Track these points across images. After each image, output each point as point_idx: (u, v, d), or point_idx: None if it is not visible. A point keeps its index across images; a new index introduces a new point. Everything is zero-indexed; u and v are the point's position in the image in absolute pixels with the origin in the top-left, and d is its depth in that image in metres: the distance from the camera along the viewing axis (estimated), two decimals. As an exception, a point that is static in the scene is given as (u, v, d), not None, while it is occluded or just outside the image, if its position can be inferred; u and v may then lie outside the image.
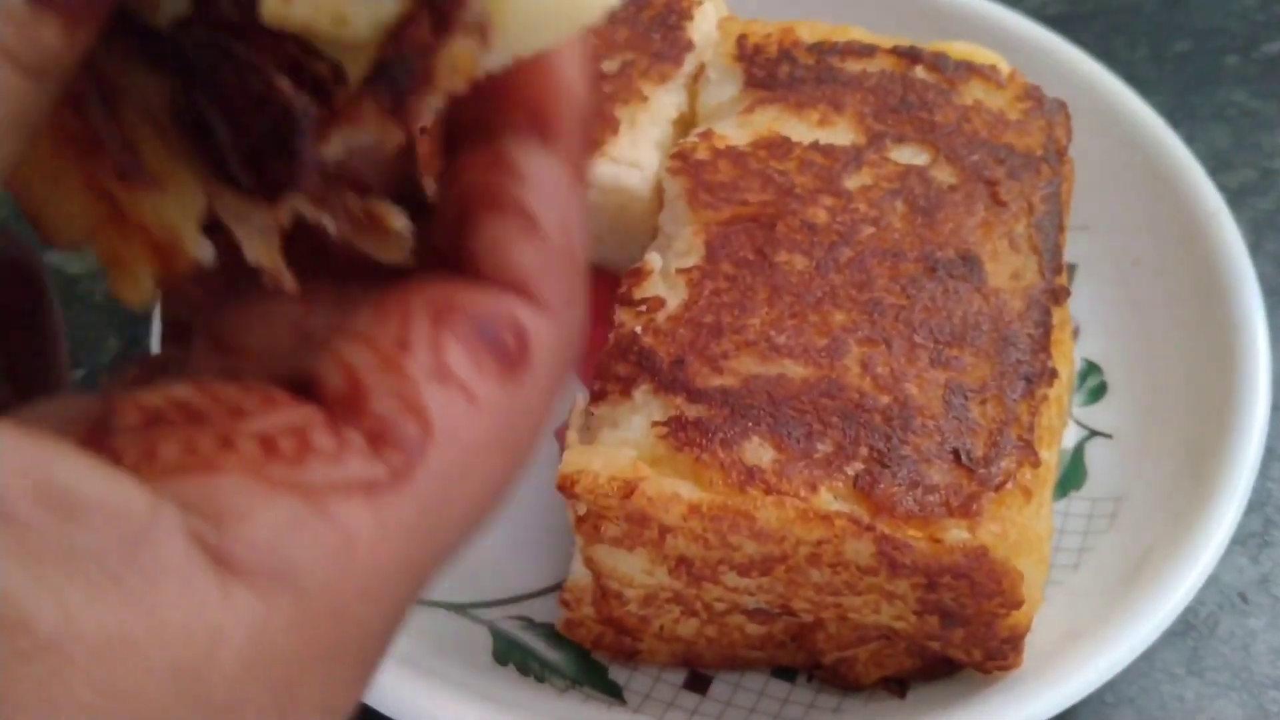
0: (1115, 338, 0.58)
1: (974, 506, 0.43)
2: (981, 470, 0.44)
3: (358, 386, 0.25)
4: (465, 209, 0.27)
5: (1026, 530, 0.44)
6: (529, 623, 0.51)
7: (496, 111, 0.28)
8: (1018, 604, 0.43)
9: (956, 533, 0.43)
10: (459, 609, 0.51)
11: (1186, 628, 0.51)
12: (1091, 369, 0.58)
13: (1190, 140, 0.69)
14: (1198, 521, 0.49)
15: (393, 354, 0.26)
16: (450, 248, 0.28)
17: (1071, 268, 0.61)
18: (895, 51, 0.57)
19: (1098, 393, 0.57)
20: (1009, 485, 0.44)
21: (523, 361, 0.27)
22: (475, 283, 0.28)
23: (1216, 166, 0.68)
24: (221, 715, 0.22)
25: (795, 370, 0.47)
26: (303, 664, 0.23)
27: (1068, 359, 0.51)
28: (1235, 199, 0.67)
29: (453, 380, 0.26)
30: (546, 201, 0.28)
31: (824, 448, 0.45)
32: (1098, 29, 0.76)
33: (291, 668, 0.23)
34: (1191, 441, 0.52)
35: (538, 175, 0.28)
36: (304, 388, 0.26)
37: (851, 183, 0.53)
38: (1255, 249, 0.65)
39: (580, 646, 0.49)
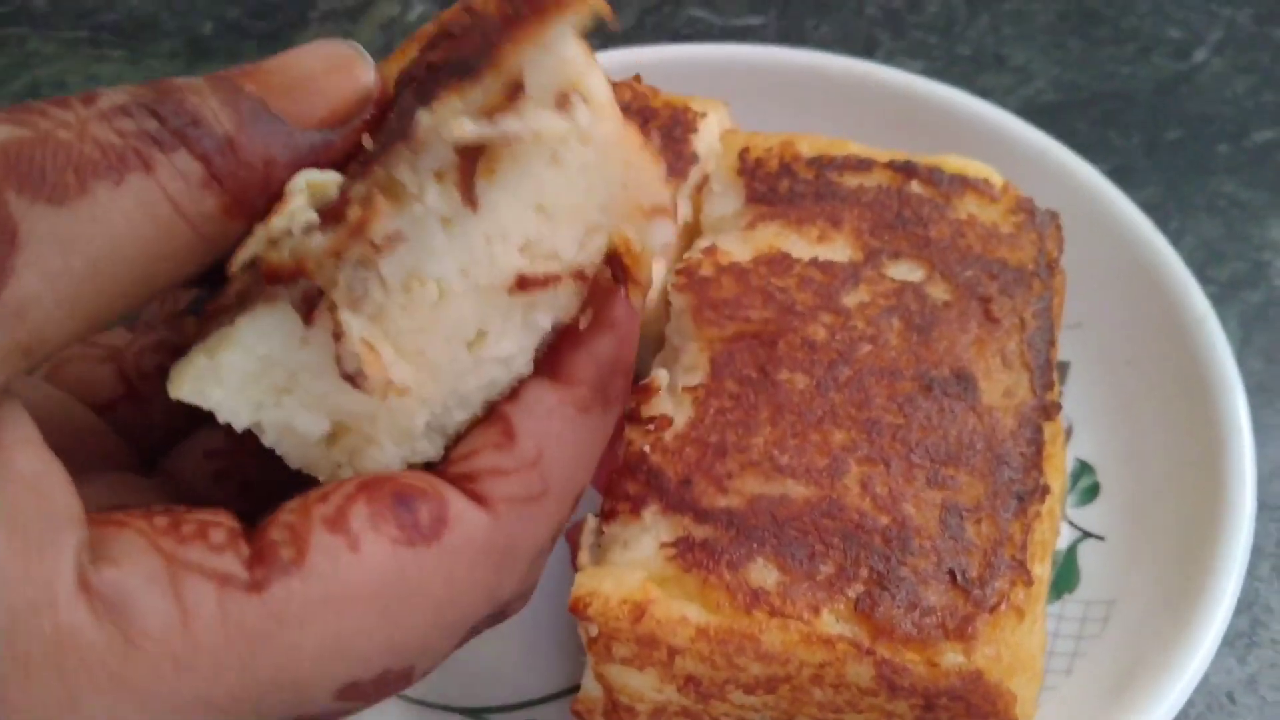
0: (1107, 437, 0.60)
1: (969, 629, 0.45)
2: (976, 591, 0.46)
3: (273, 517, 0.32)
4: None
5: (1019, 650, 0.46)
6: (543, 729, 0.53)
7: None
8: (1011, 722, 0.45)
9: (952, 656, 0.45)
10: (473, 714, 0.53)
11: (1177, 729, 0.53)
12: (1084, 469, 0.60)
13: (1181, 232, 0.72)
14: (1188, 627, 0.50)
15: (311, 501, 0.32)
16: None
17: (1064, 366, 0.63)
18: (891, 166, 0.59)
19: (1090, 493, 0.59)
20: (1003, 606, 0.46)
21: (432, 536, 0.32)
22: (428, 471, 0.34)
23: (1207, 258, 0.71)
24: None
25: (797, 490, 0.49)
26: (96, 684, 0.28)
27: (1059, 471, 0.53)
28: (1225, 292, 0.69)
29: (343, 529, 0.31)
30: (531, 421, 0.34)
31: (826, 569, 0.47)
32: (1091, 117, 0.79)
33: (84, 679, 0.28)
34: (1181, 544, 0.54)
35: (534, 401, 0.34)
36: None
37: (850, 300, 0.55)
38: (1244, 343, 0.67)
39: (593, 753, 0.51)
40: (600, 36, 0.85)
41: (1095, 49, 0.83)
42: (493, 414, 0.35)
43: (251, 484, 0.35)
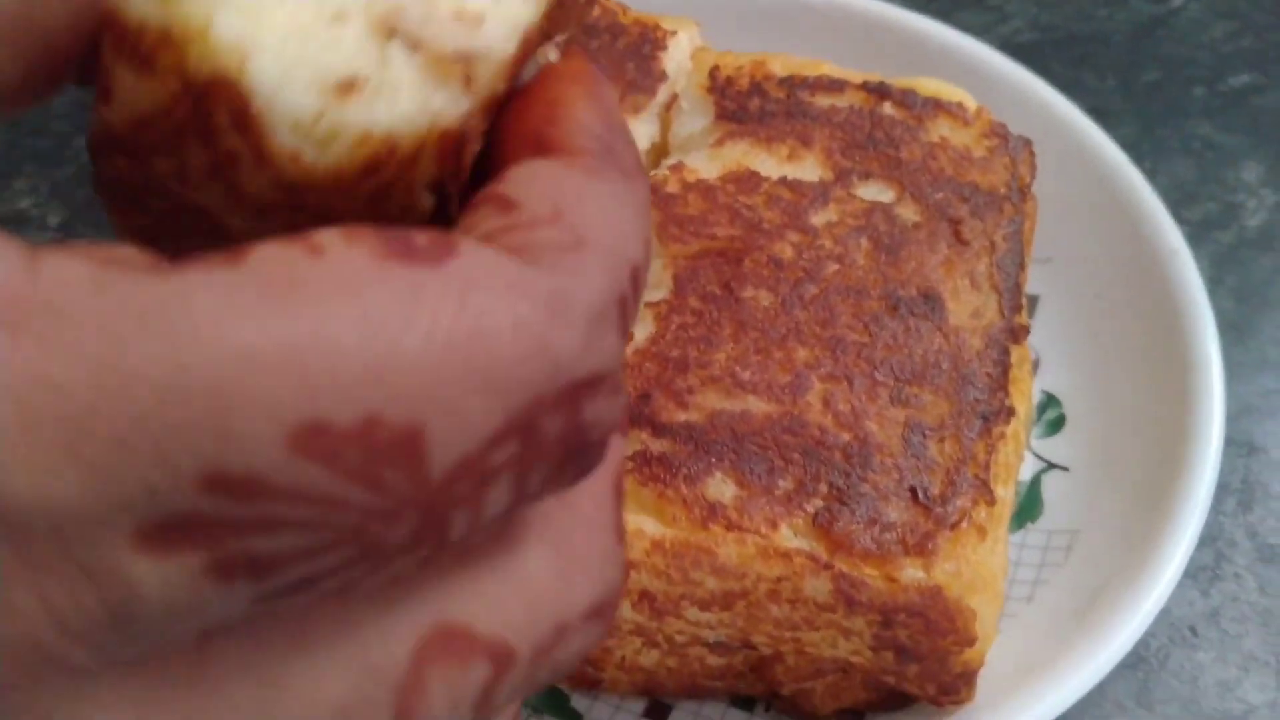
0: (1075, 370, 0.60)
1: (929, 545, 0.44)
2: (938, 509, 0.45)
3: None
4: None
5: (981, 568, 0.45)
6: (494, 648, 0.51)
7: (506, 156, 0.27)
8: (971, 641, 0.44)
9: (912, 572, 0.44)
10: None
11: (1137, 660, 0.52)
12: (1051, 401, 0.59)
13: (1155, 173, 0.71)
14: (1150, 558, 0.50)
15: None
16: None
17: (1034, 299, 0.62)
18: (864, 87, 0.58)
19: (1056, 425, 0.58)
20: (964, 524, 0.45)
21: (432, 259, 0.22)
22: None
23: (1180, 199, 0.70)
24: None
25: (758, 406, 0.47)
26: None
27: (1025, 396, 0.52)
28: (1197, 232, 0.68)
29: (305, 239, 0.21)
30: (533, 187, 0.25)
31: (785, 484, 0.46)
32: (1067, 58, 0.78)
33: None
34: (1146, 476, 0.53)
35: (529, 172, 0.26)
36: None
37: (818, 219, 0.53)
38: (1216, 283, 0.66)
39: (544, 673, 0.50)
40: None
41: (1074, -10, 0.82)
42: (481, 195, 0.25)
43: None
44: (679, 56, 0.61)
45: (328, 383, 0.20)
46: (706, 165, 0.56)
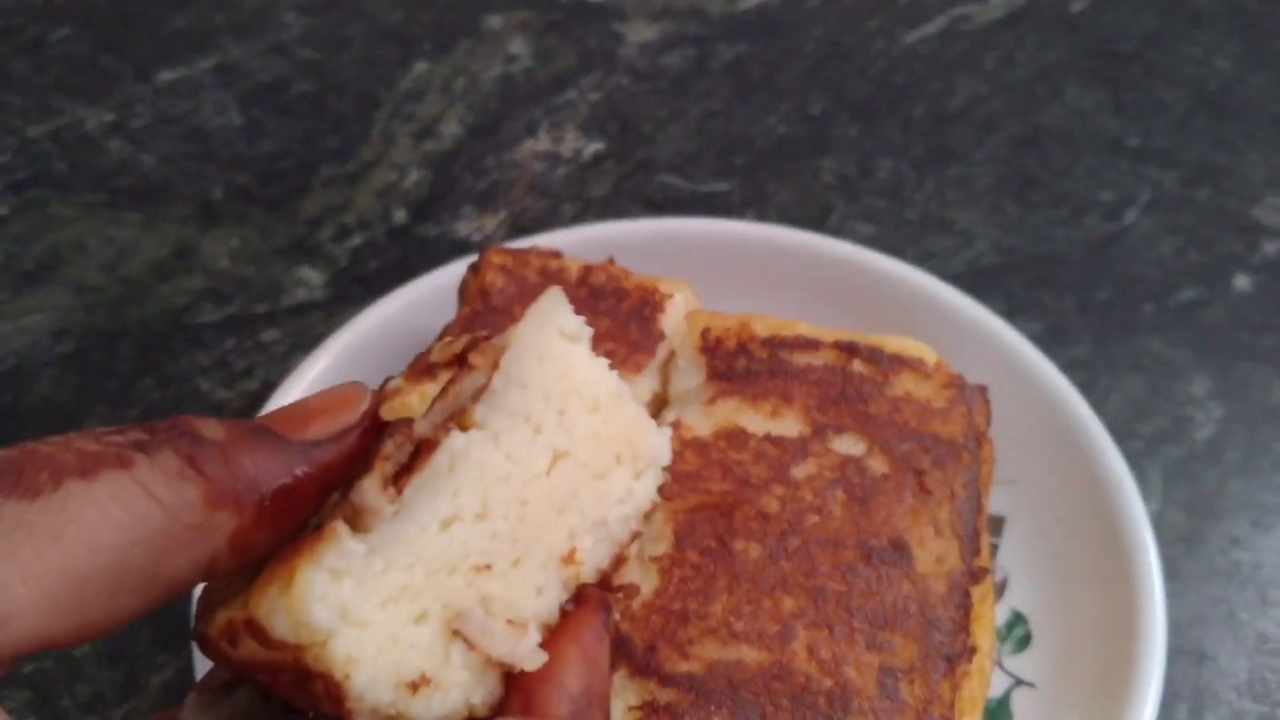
0: (1040, 589, 0.66)
1: (902, 785, 0.51)
2: (909, 749, 0.52)
3: None
4: None
5: (948, 803, 0.51)
6: None
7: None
8: None
9: (886, 811, 0.50)
10: None
11: None
12: (1018, 619, 0.66)
13: (1110, 389, 0.78)
14: (1107, 773, 0.56)
15: None
16: None
17: (1000, 520, 0.70)
18: (836, 346, 0.66)
19: (1023, 642, 0.65)
20: (932, 763, 0.52)
21: None
22: None
23: (1133, 414, 0.77)
24: None
25: (751, 655, 0.54)
26: None
27: (988, 630, 0.59)
28: (1150, 447, 0.76)
29: None
30: None
31: (775, 728, 0.52)
32: (1027, 279, 0.86)
33: None
34: (1101, 692, 0.60)
35: None
36: None
37: (799, 472, 0.61)
38: (1167, 497, 0.73)
39: None
40: (579, 203, 0.93)
41: (1031, 212, 0.90)
42: None
43: None
44: (675, 316, 0.70)
45: None
46: (701, 422, 0.64)
